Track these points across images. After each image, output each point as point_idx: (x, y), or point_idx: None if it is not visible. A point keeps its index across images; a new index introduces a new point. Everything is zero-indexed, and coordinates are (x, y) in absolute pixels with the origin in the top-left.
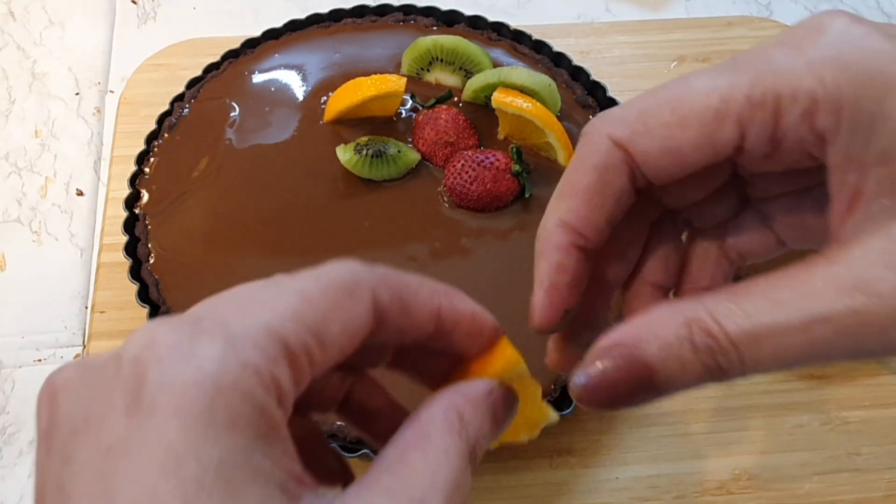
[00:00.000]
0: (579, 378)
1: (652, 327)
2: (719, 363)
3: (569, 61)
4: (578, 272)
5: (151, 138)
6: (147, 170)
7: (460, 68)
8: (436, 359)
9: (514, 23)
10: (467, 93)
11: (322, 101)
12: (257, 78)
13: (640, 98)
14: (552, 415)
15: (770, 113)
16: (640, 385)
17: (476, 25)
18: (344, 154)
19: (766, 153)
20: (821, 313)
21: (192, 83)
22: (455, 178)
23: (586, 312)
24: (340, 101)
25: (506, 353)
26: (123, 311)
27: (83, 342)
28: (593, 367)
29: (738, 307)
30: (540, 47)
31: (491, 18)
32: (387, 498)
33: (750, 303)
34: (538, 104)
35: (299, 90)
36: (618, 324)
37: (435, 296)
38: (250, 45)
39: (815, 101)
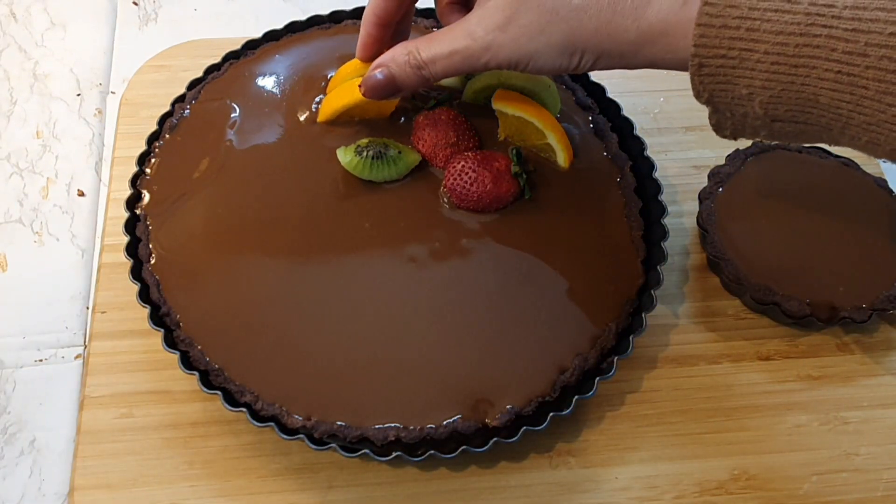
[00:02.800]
0: (362, 82)
1: (394, 55)
2: (422, 73)
3: None
4: (382, 35)
5: (152, 139)
6: (148, 170)
7: None
8: None
9: None
10: (467, 94)
11: (318, 100)
12: (258, 79)
13: None
14: None
15: None
16: (390, 85)
17: None
18: (345, 156)
19: None
20: (455, 48)
21: (193, 84)
22: (455, 180)
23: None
24: (336, 100)
25: None
26: (124, 312)
27: (84, 342)
28: (370, 75)
29: (427, 44)
30: None
31: None
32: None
33: (433, 41)
34: (538, 105)
35: (300, 92)
36: None
37: None
38: (251, 46)
39: None
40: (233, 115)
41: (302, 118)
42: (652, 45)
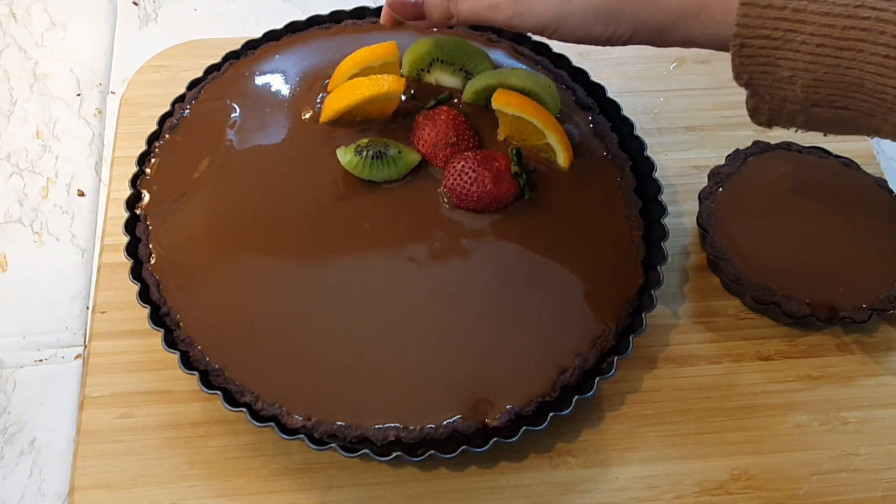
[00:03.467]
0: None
1: None
2: (450, 6)
3: (568, 63)
4: None
5: (152, 139)
6: (148, 170)
7: (460, 69)
8: None
9: None
10: (467, 94)
11: (319, 99)
12: (258, 79)
13: None
14: None
15: None
16: (416, 7)
17: (476, 27)
18: (345, 156)
19: None
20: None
21: (193, 84)
22: (455, 180)
23: None
24: (338, 101)
25: None
26: (124, 312)
27: (84, 342)
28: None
29: None
30: (540, 49)
31: None
32: None
33: None
34: (538, 105)
35: (300, 91)
36: None
37: None
38: (251, 46)
39: None
40: (233, 115)
41: (303, 118)
42: (693, 17)
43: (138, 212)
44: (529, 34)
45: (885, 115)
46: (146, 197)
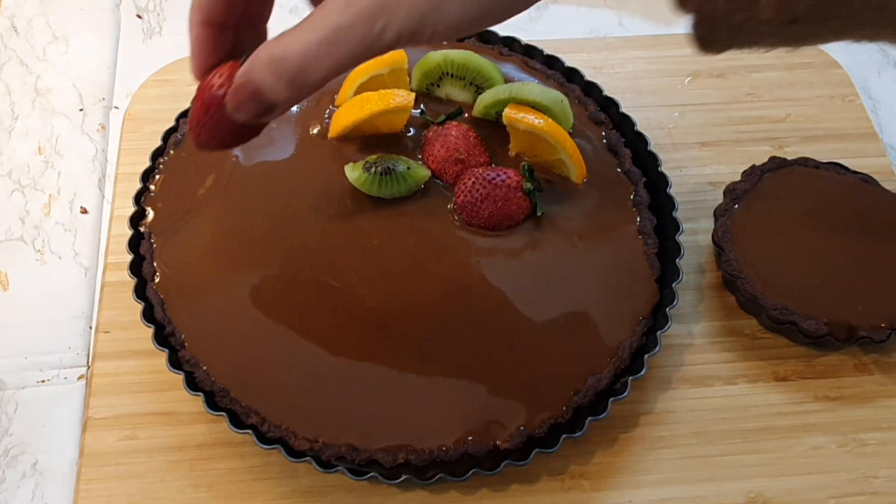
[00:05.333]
0: (227, 101)
1: (256, 58)
2: (296, 79)
3: (581, 77)
4: (215, 37)
5: (157, 155)
6: (152, 187)
7: (471, 84)
8: None
9: (525, 37)
10: (478, 109)
11: (327, 114)
12: None
13: None
14: None
15: None
16: (257, 101)
17: (487, 40)
18: (353, 172)
19: None
20: (338, 24)
21: None
22: (465, 197)
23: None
24: (346, 116)
25: None
26: (128, 331)
27: (87, 363)
28: (232, 90)
29: (296, 35)
30: (552, 62)
31: (502, 33)
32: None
33: (303, 28)
34: (550, 120)
35: (307, 106)
36: None
37: None
38: None
39: None
40: None
41: (310, 133)
42: None
43: (142, 229)
44: (542, 49)
45: (880, 7)
46: (150, 214)
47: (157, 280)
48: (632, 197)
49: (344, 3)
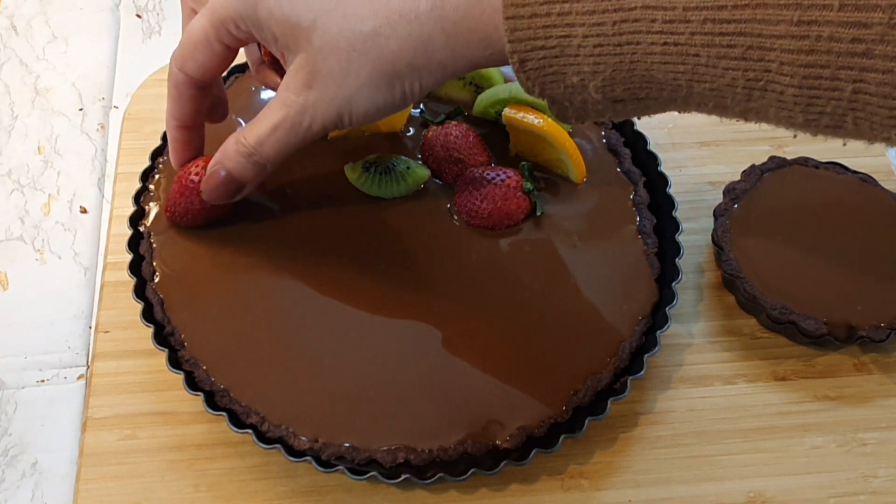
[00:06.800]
0: (202, 187)
1: (226, 147)
2: (254, 159)
3: None
4: (189, 138)
5: (156, 155)
6: (152, 187)
7: (470, 83)
8: None
9: None
10: (477, 108)
11: None
12: (264, 93)
13: None
14: None
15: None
16: (230, 181)
17: None
18: (352, 172)
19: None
20: (275, 121)
21: None
22: (465, 196)
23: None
24: None
25: None
26: (128, 331)
27: (87, 363)
28: (209, 176)
29: (252, 127)
30: None
31: None
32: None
33: (256, 121)
34: (550, 120)
35: None
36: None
37: None
38: None
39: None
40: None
41: None
42: (466, 46)
43: (142, 229)
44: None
45: (686, 99)
46: (150, 214)
47: (156, 280)
48: (631, 197)
49: (281, 102)
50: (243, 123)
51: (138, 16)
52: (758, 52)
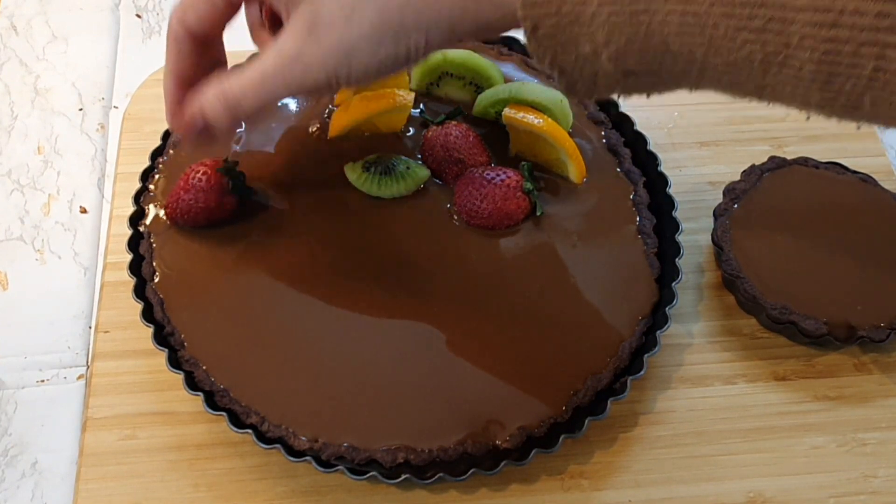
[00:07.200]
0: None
1: (205, 92)
2: (234, 110)
3: None
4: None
5: (156, 155)
6: (152, 187)
7: (470, 83)
8: None
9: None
10: (477, 108)
11: (326, 114)
12: None
13: None
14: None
15: None
16: (203, 128)
17: (486, 40)
18: (352, 172)
19: None
20: (265, 70)
21: None
22: (465, 196)
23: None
24: (346, 116)
25: None
26: (128, 331)
27: (87, 363)
28: (187, 118)
29: (237, 74)
30: None
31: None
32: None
33: (244, 69)
34: (549, 120)
35: (306, 105)
36: None
37: None
38: None
39: None
40: (238, 130)
41: (310, 132)
42: (477, 3)
43: (142, 229)
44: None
45: (700, 73)
46: (150, 214)
47: (156, 280)
48: (631, 197)
49: (275, 52)
50: (243, 124)
51: (138, 16)
52: (779, 24)
